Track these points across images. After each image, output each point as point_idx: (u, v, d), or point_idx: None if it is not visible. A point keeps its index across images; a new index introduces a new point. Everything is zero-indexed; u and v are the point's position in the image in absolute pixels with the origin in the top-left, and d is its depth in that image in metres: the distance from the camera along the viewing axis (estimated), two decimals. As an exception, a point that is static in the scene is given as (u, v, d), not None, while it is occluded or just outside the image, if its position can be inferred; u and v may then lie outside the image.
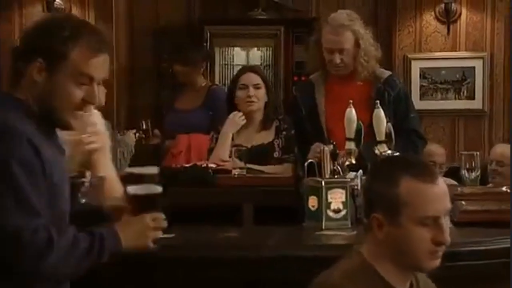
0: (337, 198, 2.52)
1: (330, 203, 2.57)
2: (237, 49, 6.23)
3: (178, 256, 2.65)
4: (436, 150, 5.26)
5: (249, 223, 3.49)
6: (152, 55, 6.38)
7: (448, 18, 6.10)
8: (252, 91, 4.03)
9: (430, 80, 6.21)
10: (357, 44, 3.96)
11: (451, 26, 6.13)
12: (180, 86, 5.36)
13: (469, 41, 6.17)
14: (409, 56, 6.20)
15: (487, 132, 6.23)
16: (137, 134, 4.89)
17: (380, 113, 3.29)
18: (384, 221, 1.85)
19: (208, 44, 6.04)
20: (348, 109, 3.48)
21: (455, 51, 6.19)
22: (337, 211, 2.53)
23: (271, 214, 3.40)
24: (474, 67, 6.17)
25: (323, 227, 2.72)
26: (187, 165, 3.90)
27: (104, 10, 6.06)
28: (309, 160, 3.30)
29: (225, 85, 5.92)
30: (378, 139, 3.28)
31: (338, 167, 2.75)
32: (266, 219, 3.40)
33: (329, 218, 2.64)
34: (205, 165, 3.85)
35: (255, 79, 4.06)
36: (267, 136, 4.06)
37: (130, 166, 4.15)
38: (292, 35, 6.05)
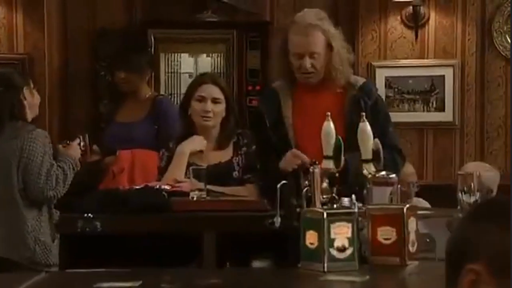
0: (342, 234, 2.18)
1: (334, 239, 2.22)
2: (184, 55, 6.08)
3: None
4: (406, 170, 4.99)
5: (211, 253, 3.31)
6: (89, 61, 6.20)
7: (415, 22, 6.02)
8: (210, 105, 3.85)
9: (396, 90, 6.13)
10: (328, 47, 3.76)
11: (418, 31, 6.05)
12: (121, 96, 5.14)
13: (438, 47, 6.11)
14: (373, 63, 6.10)
15: (459, 147, 6.14)
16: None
17: (366, 127, 3.05)
18: (486, 276, 1.50)
19: (152, 49, 5.88)
20: (325, 123, 3.25)
21: (423, 58, 6.13)
22: (341, 249, 2.19)
23: (235, 243, 3.33)
24: (443, 76, 6.13)
25: (325, 269, 2.35)
26: (137, 187, 3.68)
27: (34, 10, 5.82)
28: (282, 182, 3.09)
29: (171, 95, 5.89)
30: (363, 157, 3.02)
31: (335, 195, 2.43)
32: (230, 248, 3.32)
33: (332, 258, 2.27)
34: (157, 186, 3.62)
35: (216, 92, 3.88)
36: (224, 154, 3.89)
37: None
38: (246, 40, 5.94)
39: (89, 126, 5.69)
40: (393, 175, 2.68)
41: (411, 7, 6.03)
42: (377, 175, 2.69)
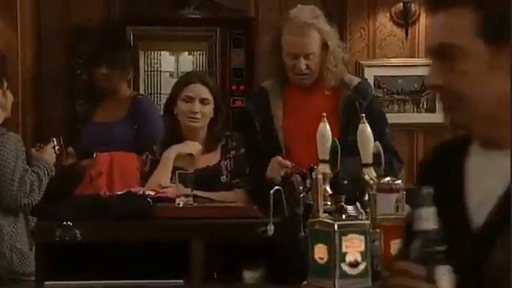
0: (354, 247, 2.03)
1: (346, 254, 2.07)
2: (164, 53, 6.07)
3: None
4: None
5: (199, 263, 3.21)
6: (64, 59, 6.15)
7: (406, 19, 6.00)
8: (198, 106, 3.74)
9: (385, 90, 6.11)
10: (323, 46, 3.70)
11: (409, 29, 6.04)
12: (98, 95, 5.04)
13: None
14: (361, 62, 6.07)
15: None
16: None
17: (366, 128, 2.94)
18: None
19: (131, 47, 5.74)
20: (321, 124, 3.17)
21: (414, 57, 6.10)
22: (354, 264, 2.03)
23: (224, 252, 3.24)
24: None
25: (336, 286, 2.16)
26: (119, 193, 3.54)
27: (6, 7, 5.74)
28: (276, 187, 3.00)
29: (150, 95, 5.89)
30: (363, 161, 2.92)
31: (343, 205, 2.27)
32: (219, 258, 3.24)
33: (343, 275, 2.10)
34: (141, 192, 3.50)
35: (204, 92, 3.77)
36: (212, 157, 3.79)
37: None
38: (229, 38, 5.92)
39: (64, 127, 5.68)
40: (399, 181, 2.55)
41: (401, 4, 6.01)
42: (381, 181, 2.55)
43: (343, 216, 2.23)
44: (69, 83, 6.06)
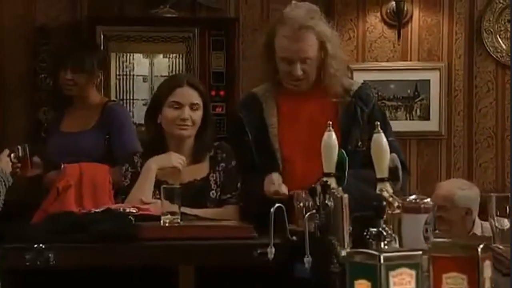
0: (403, 284, 1.78)
1: (394, 292, 1.82)
2: (138, 56, 5.92)
3: None
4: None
5: None
6: (27, 62, 6.05)
7: (398, 20, 5.95)
8: (188, 112, 3.65)
9: (376, 95, 5.93)
10: (322, 49, 3.61)
11: (401, 31, 6.00)
12: (65, 101, 4.95)
13: (422, 48, 6.08)
14: (350, 66, 5.91)
15: (445, 159, 6.09)
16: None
17: (381, 139, 2.74)
18: None
19: (101, 49, 5.72)
20: (326, 133, 2.99)
21: (406, 60, 6.11)
22: (403, 304, 1.80)
23: (217, 277, 3.15)
24: (429, 81, 6.10)
25: None
26: (97, 210, 3.46)
27: None
28: (277, 205, 2.82)
29: (122, 101, 5.79)
30: (378, 175, 2.69)
31: (384, 228, 2.02)
32: (211, 284, 3.14)
33: None
34: (121, 209, 3.42)
35: (194, 97, 3.69)
36: (200, 170, 3.71)
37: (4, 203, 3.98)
38: (209, 39, 5.79)
39: (29, 136, 5.60)
40: (427, 199, 2.32)
41: (392, 3, 5.97)
42: (407, 199, 2.32)
43: (383, 245, 1.98)
44: (33, 88, 5.98)
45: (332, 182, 2.90)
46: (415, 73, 6.06)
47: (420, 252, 1.78)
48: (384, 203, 2.23)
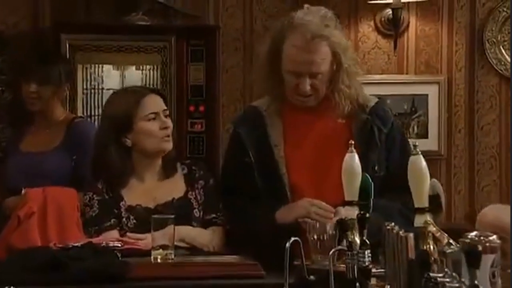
0: None
1: None
2: (107, 67, 5.79)
3: None
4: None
5: None
6: None
7: (395, 29, 5.84)
8: (166, 120, 3.68)
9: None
10: (335, 62, 3.45)
11: (397, 41, 5.93)
12: (26, 118, 4.97)
13: (419, 60, 6.05)
14: None
15: (445, 180, 5.96)
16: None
17: (420, 161, 2.65)
18: None
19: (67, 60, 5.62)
20: (348, 155, 2.91)
21: (402, 73, 6.06)
22: None
23: None
24: (427, 95, 6.07)
25: None
26: (76, 244, 3.32)
27: None
28: (293, 238, 2.65)
29: (90, 117, 5.68)
30: (417, 205, 2.52)
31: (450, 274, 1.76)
32: None
33: None
34: (104, 243, 3.31)
35: (163, 103, 3.72)
36: (174, 188, 3.67)
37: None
38: (187, 49, 5.68)
39: None
40: (493, 236, 2.06)
41: (387, 11, 5.85)
42: (468, 236, 2.06)
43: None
44: (-13, 102, 5.96)
45: (355, 211, 2.77)
46: (412, 87, 6.02)
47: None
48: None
